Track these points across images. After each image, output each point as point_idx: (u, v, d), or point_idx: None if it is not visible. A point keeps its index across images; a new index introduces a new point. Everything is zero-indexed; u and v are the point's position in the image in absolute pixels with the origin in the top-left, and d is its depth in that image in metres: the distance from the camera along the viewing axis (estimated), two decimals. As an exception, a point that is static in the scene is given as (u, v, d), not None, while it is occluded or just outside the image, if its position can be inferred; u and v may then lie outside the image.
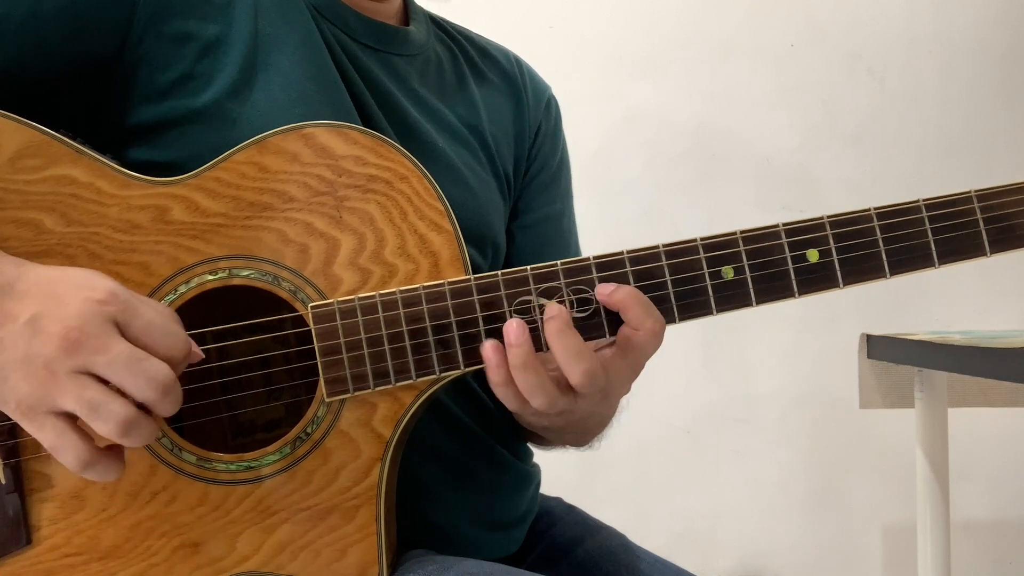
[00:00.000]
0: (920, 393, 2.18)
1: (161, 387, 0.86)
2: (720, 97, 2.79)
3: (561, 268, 1.00)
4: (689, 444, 2.80)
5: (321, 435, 0.98)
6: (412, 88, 1.24)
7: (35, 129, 0.98)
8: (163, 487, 0.98)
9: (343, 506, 0.99)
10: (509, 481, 1.27)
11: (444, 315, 0.98)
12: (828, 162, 2.80)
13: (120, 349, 0.86)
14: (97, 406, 0.85)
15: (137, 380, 0.86)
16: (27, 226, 0.97)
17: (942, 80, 2.88)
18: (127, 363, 0.85)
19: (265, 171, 1.00)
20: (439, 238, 1.00)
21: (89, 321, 0.85)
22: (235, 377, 1.04)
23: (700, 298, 1.00)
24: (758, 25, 2.81)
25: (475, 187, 1.23)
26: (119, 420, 0.86)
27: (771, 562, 2.86)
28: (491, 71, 1.38)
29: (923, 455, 2.20)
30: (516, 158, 1.35)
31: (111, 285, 0.88)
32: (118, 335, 0.86)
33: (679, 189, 2.76)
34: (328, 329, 0.98)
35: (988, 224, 1.02)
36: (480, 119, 1.30)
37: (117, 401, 0.86)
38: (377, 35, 1.23)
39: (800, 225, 1.01)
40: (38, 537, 0.97)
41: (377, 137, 1.01)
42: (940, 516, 2.19)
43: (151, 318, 0.88)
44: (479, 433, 1.23)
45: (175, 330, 0.90)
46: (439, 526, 1.17)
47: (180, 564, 0.98)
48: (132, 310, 0.87)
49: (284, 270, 0.99)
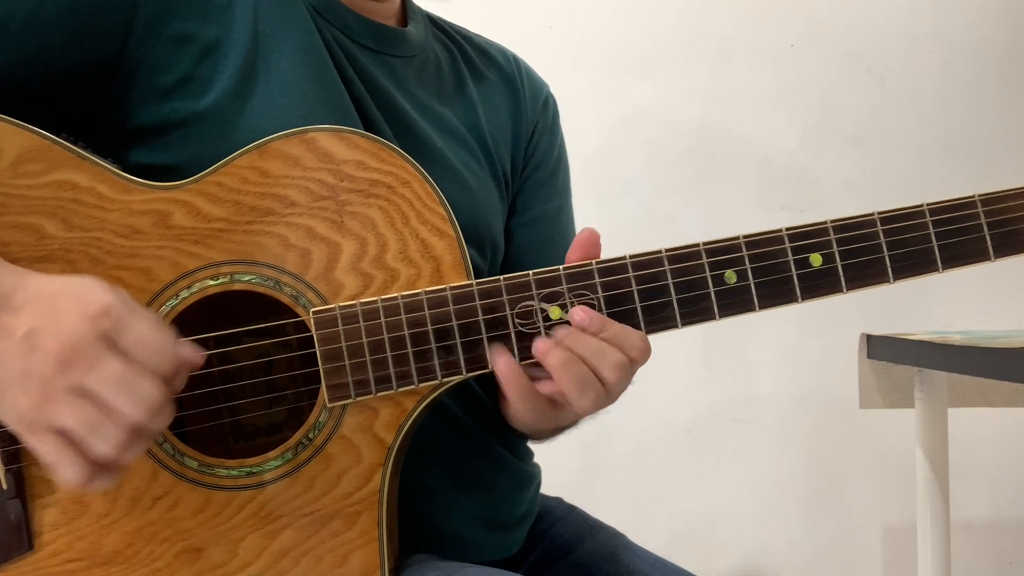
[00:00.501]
0: (920, 393, 2.18)
1: (149, 408, 0.86)
2: (720, 97, 2.78)
3: (563, 273, 1.00)
4: (689, 444, 2.80)
5: (323, 440, 0.98)
6: (411, 89, 1.24)
7: (36, 134, 0.98)
8: (165, 492, 0.98)
9: (345, 512, 0.98)
10: (510, 481, 1.27)
11: (446, 320, 0.98)
12: (828, 162, 2.79)
13: (110, 369, 0.85)
14: (94, 428, 0.85)
15: (126, 401, 0.85)
16: (28, 231, 0.97)
17: (942, 80, 2.88)
18: (117, 384, 0.85)
19: (266, 176, 1.00)
20: (441, 243, 1.00)
21: (82, 339, 0.85)
22: (237, 382, 1.04)
23: (703, 304, 1.00)
24: (758, 25, 2.80)
25: (474, 188, 1.23)
26: (115, 442, 0.86)
27: (771, 562, 2.86)
28: (489, 70, 1.38)
29: (923, 455, 2.19)
30: (513, 156, 1.35)
31: (107, 299, 0.87)
32: (110, 352, 0.86)
33: (679, 189, 2.76)
34: (330, 334, 0.98)
35: (992, 229, 1.02)
36: (479, 119, 1.30)
37: (113, 423, 0.86)
38: (376, 36, 1.22)
39: (803, 230, 1.01)
40: (40, 543, 0.96)
41: (379, 141, 1.01)
42: (940, 516, 2.18)
43: (142, 334, 0.87)
44: (479, 434, 1.23)
45: (165, 346, 0.89)
46: (440, 528, 1.17)
47: (182, 570, 0.97)
48: (124, 326, 0.87)
49: (286, 275, 0.99)
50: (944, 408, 2.19)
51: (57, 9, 1.04)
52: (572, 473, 2.56)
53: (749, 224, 1.02)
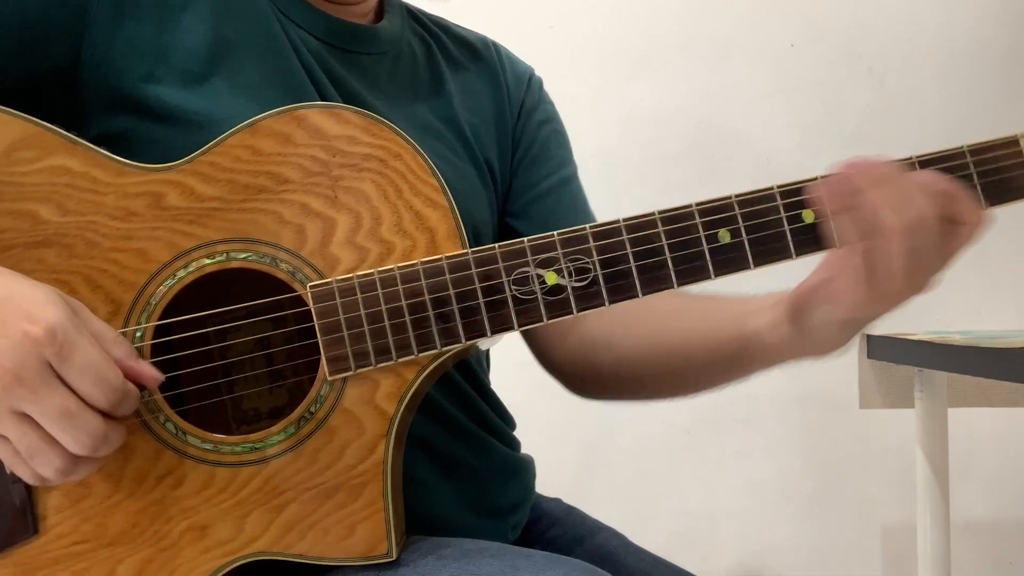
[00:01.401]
0: (920, 393, 2.19)
1: (91, 442, 0.87)
2: (720, 97, 2.79)
3: (558, 239, 1.00)
4: (689, 444, 2.79)
5: (325, 414, 0.98)
6: (381, 87, 1.24)
7: (28, 121, 0.98)
8: (169, 471, 0.97)
9: (349, 484, 0.98)
10: (498, 467, 1.27)
11: (443, 289, 0.98)
12: (828, 162, 2.76)
13: (50, 402, 0.85)
14: (34, 455, 0.87)
15: (66, 435, 0.86)
16: (24, 217, 0.97)
17: (942, 80, 2.88)
18: (58, 417, 0.85)
19: (259, 154, 1.00)
20: (435, 214, 1.01)
21: (23, 364, 0.84)
22: (236, 359, 1.04)
23: (698, 263, 0.99)
24: (758, 25, 2.81)
25: (451, 178, 1.23)
26: (55, 468, 0.87)
27: (771, 562, 2.84)
28: (467, 59, 1.38)
29: (923, 455, 2.20)
30: (500, 141, 1.35)
31: (53, 318, 0.86)
32: (52, 380, 0.85)
33: (679, 189, 2.73)
34: (328, 308, 0.98)
35: (982, 178, 1.02)
36: (454, 110, 1.30)
37: (54, 453, 0.86)
38: (343, 35, 1.22)
39: (795, 186, 1.02)
40: (45, 526, 0.96)
41: (369, 116, 1.01)
42: (940, 516, 2.19)
43: (88, 361, 0.87)
44: (464, 422, 1.23)
45: (111, 375, 0.88)
46: (431, 515, 1.17)
47: (188, 547, 0.97)
48: (68, 352, 0.86)
49: (282, 251, 0.99)
50: (944, 408, 2.20)
51: (4, 16, 1.04)
52: (572, 473, 2.55)
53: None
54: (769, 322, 1.10)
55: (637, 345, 1.26)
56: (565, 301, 0.99)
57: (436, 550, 1.03)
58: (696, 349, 1.21)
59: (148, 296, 0.98)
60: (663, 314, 1.24)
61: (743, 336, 1.14)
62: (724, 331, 1.17)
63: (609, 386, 1.34)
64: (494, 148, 1.33)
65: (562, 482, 1.50)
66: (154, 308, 0.98)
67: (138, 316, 0.98)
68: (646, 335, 1.26)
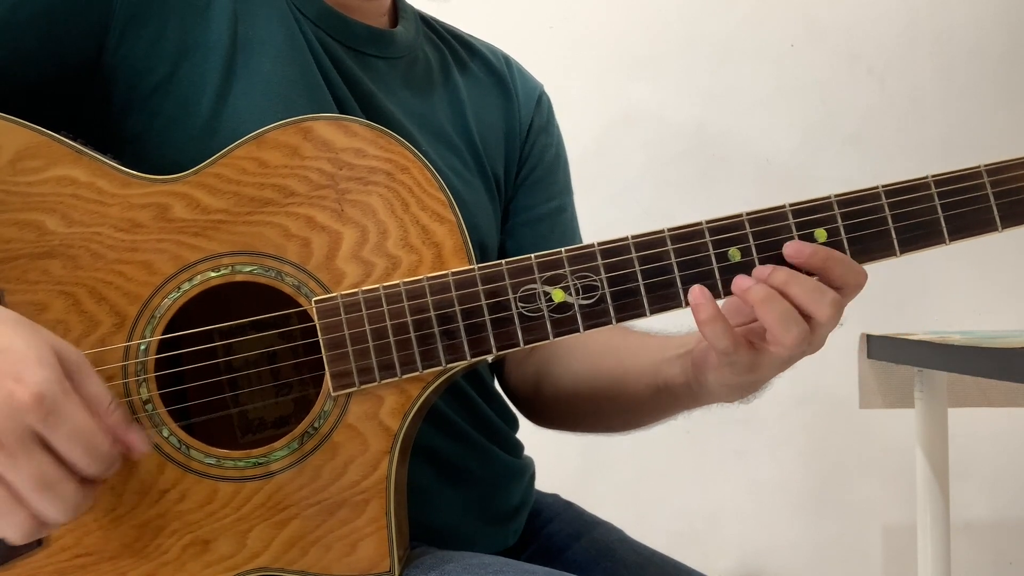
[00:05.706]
0: (920, 393, 2.18)
1: (68, 510, 0.84)
2: (720, 97, 2.78)
3: (565, 256, 0.99)
4: (689, 444, 2.78)
5: (329, 429, 0.98)
6: (396, 91, 1.23)
7: (34, 130, 0.98)
8: (172, 485, 0.97)
9: (352, 500, 0.98)
10: (500, 473, 1.27)
11: (448, 305, 0.98)
12: (828, 162, 2.79)
13: (31, 470, 0.81)
14: (4, 514, 0.83)
15: (44, 503, 0.82)
16: (29, 228, 0.97)
17: (942, 80, 2.88)
18: (36, 484, 0.82)
19: (265, 166, 0.99)
20: (442, 228, 1.00)
21: (4, 427, 0.80)
22: (241, 373, 1.04)
23: (707, 281, 0.99)
24: (758, 25, 2.80)
25: (461, 190, 1.22)
26: (23, 532, 0.84)
27: (771, 562, 2.84)
28: (480, 70, 1.37)
29: (923, 455, 2.19)
30: (507, 157, 1.35)
31: (44, 383, 0.81)
32: (31, 447, 0.82)
33: (679, 189, 2.75)
34: (332, 323, 0.97)
35: (999, 199, 1.01)
36: (467, 120, 1.30)
37: (27, 515, 0.83)
38: (361, 38, 1.22)
39: (807, 205, 1.01)
40: (49, 539, 0.96)
41: (377, 129, 1.01)
42: (940, 516, 2.18)
43: (76, 429, 0.83)
44: (468, 430, 1.23)
45: (99, 444, 0.84)
46: (435, 524, 1.17)
47: (191, 562, 0.97)
48: (55, 419, 0.82)
49: (287, 265, 0.99)
50: (944, 408, 2.19)
51: (32, 12, 1.03)
52: (571, 472, 2.53)
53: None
54: (678, 373, 1.12)
55: (575, 381, 1.28)
56: (572, 319, 0.99)
57: (440, 565, 1.03)
58: (624, 391, 1.21)
59: (153, 309, 0.98)
60: (598, 352, 1.25)
61: (657, 386, 1.16)
62: (643, 379, 1.18)
63: (552, 417, 1.36)
64: (501, 162, 1.33)
65: (563, 481, 1.50)
66: (159, 321, 0.97)
67: (143, 329, 0.97)
68: (582, 372, 1.27)
